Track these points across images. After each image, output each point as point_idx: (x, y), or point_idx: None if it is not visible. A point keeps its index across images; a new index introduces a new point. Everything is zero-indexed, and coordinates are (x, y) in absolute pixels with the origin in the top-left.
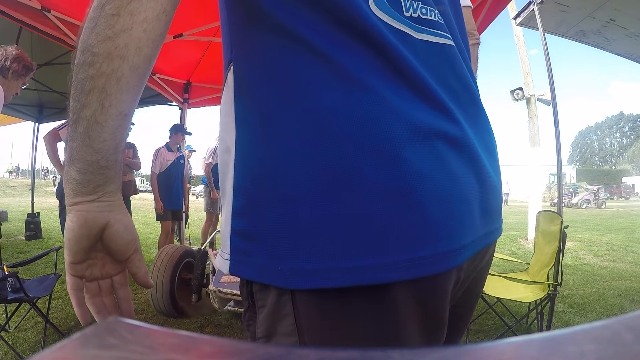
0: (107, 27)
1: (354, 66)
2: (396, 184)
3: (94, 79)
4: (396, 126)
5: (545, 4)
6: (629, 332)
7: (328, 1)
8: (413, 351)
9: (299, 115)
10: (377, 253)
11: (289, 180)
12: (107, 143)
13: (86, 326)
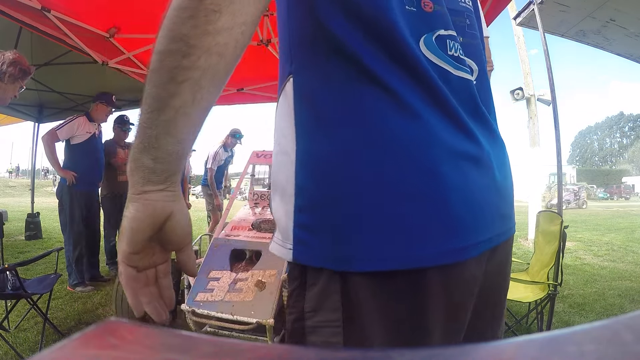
0: (207, 22)
1: (408, 97)
2: (434, 193)
3: (189, 71)
4: (437, 149)
5: (545, 4)
6: (629, 332)
7: (386, 40)
8: (413, 351)
9: (361, 134)
10: (415, 245)
11: (350, 185)
12: (190, 135)
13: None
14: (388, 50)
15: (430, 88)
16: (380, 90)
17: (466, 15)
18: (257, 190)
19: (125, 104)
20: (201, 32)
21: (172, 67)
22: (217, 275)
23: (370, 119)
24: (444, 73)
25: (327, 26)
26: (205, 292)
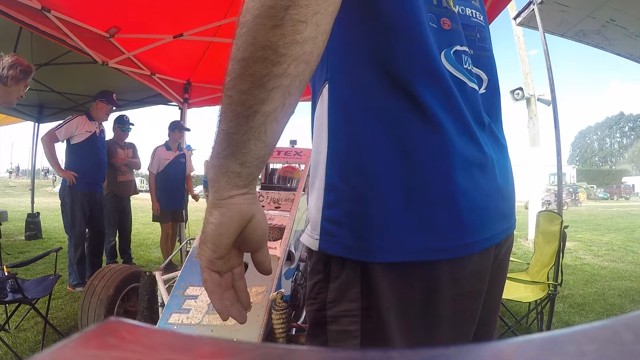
0: (295, 32)
1: (434, 109)
2: (446, 197)
3: (280, 78)
4: (453, 158)
5: (545, 4)
6: (629, 332)
7: (419, 53)
8: (413, 351)
9: (388, 141)
10: (428, 241)
11: (375, 186)
12: (276, 140)
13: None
14: (420, 63)
15: (452, 100)
16: (408, 102)
17: (477, 29)
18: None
19: (125, 104)
20: (290, 41)
21: (262, 75)
22: (195, 292)
23: (396, 127)
24: (461, 84)
25: (364, 38)
26: (180, 313)
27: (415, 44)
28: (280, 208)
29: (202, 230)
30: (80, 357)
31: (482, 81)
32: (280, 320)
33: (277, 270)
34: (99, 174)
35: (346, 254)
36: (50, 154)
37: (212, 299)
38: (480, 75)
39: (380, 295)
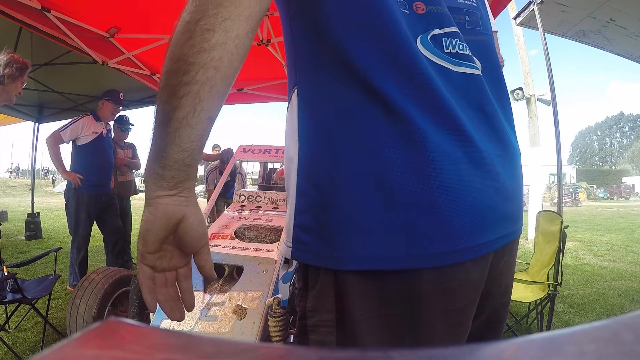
0: (203, 40)
1: (402, 105)
2: (426, 197)
3: (189, 85)
4: (431, 154)
5: (545, 4)
6: (629, 332)
7: (386, 43)
8: (413, 351)
9: (352, 142)
10: (409, 247)
11: (346, 191)
12: (195, 143)
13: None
14: (385, 57)
15: (428, 91)
16: (374, 100)
17: (465, 12)
18: (245, 190)
19: (125, 104)
20: (197, 50)
21: (174, 84)
22: None
23: (362, 128)
24: (444, 71)
25: (325, 38)
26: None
27: (382, 31)
28: (278, 209)
29: (140, 230)
30: (80, 357)
31: (476, 65)
32: (277, 327)
33: (274, 274)
34: (106, 176)
35: (318, 262)
36: (55, 156)
37: (143, 290)
38: (475, 64)
39: (354, 305)
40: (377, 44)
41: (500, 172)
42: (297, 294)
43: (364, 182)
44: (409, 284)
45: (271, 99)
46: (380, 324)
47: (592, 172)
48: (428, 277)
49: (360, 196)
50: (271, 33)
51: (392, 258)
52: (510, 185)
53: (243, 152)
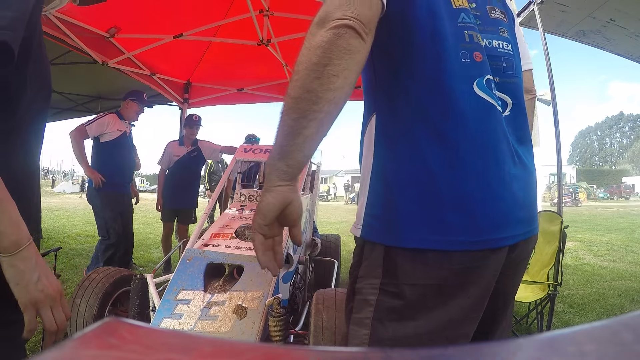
0: (329, 82)
1: (452, 135)
2: (460, 203)
3: (317, 113)
4: (465, 172)
5: (545, 4)
6: (629, 332)
7: (442, 90)
8: (413, 351)
9: (415, 161)
10: (445, 235)
11: (405, 194)
12: (312, 152)
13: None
14: (444, 103)
15: (474, 125)
16: (430, 130)
17: (503, 59)
18: (245, 190)
19: None
20: (325, 88)
21: (305, 109)
22: (188, 296)
23: (420, 151)
24: (492, 108)
25: (401, 84)
26: (172, 319)
27: (440, 89)
28: None
29: (257, 207)
30: (80, 357)
31: (506, 105)
32: (277, 327)
33: None
34: (128, 176)
35: (378, 240)
36: (79, 151)
37: (257, 253)
38: (505, 100)
39: (398, 272)
40: (435, 90)
41: (516, 188)
42: (353, 264)
43: (418, 189)
44: (440, 259)
45: (271, 99)
46: (417, 288)
47: (592, 172)
48: (456, 257)
49: (415, 198)
50: (271, 33)
51: (432, 241)
52: (524, 197)
53: (244, 152)
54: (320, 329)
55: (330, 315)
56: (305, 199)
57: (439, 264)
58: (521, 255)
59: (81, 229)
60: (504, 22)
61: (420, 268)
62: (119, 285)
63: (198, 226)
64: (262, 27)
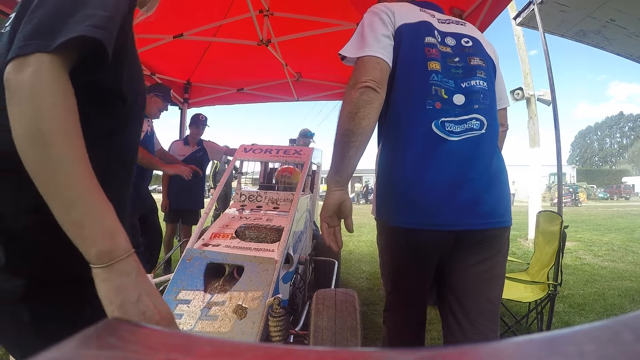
0: (359, 123)
1: (415, 155)
2: (417, 198)
3: (353, 142)
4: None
5: (545, 4)
6: (629, 332)
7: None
8: (413, 351)
9: (397, 171)
10: (410, 217)
11: (391, 190)
12: (354, 167)
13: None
14: (414, 137)
15: (433, 150)
16: (405, 150)
17: (480, 93)
18: (246, 190)
19: None
20: (357, 127)
21: (346, 141)
22: (188, 296)
23: (401, 169)
24: (441, 140)
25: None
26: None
27: (415, 123)
28: (279, 208)
29: (323, 206)
30: (80, 357)
31: (483, 125)
32: (277, 327)
33: (274, 274)
34: (148, 175)
35: (383, 217)
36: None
37: (324, 236)
38: (482, 121)
39: (390, 241)
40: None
41: (466, 190)
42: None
43: (401, 190)
44: (404, 233)
45: (271, 98)
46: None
47: (592, 172)
48: (413, 232)
49: (398, 194)
50: (271, 33)
51: (403, 222)
52: (481, 196)
53: (244, 152)
54: (320, 329)
55: (330, 315)
56: (305, 199)
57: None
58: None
59: None
60: (483, 67)
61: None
62: None
63: (198, 226)
64: (262, 27)
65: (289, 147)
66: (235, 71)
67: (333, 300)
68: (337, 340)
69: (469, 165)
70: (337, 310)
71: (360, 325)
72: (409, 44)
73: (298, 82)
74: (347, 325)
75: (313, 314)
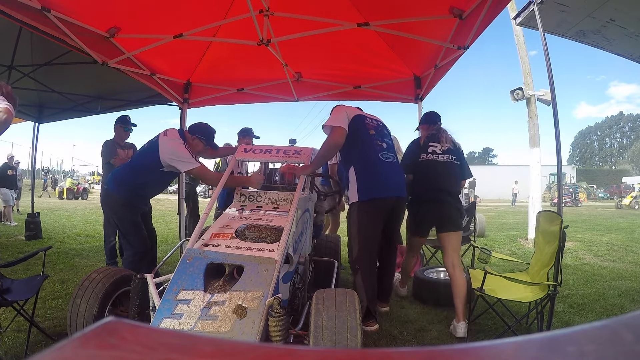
0: (332, 153)
1: (370, 169)
2: (378, 185)
3: (325, 159)
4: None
5: (545, 4)
6: (629, 332)
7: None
8: (413, 351)
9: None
10: (375, 193)
11: (361, 183)
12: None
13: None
14: (367, 159)
15: (376, 164)
16: (365, 169)
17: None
18: (245, 190)
19: (125, 104)
20: (329, 154)
21: (324, 158)
22: (188, 296)
23: (364, 174)
24: (384, 161)
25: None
26: (172, 319)
27: (367, 157)
28: (279, 208)
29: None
30: (80, 357)
31: (390, 157)
32: (277, 327)
33: (274, 274)
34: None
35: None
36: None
37: None
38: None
39: (360, 211)
40: (364, 157)
41: (393, 179)
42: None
43: (365, 183)
44: (374, 202)
45: (271, 98)
46: (365, 216)
47: (592, 172)
48: (379, 201)
49: (365, 185)
50: (271, 33)
51: (372, 196)
52: (397, 183)
53: (244, 152)
54: (320, 329)
55: (330, 315)
56: (305, 199)
57: (373, 205)
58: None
59: (81, 229)
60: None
61: (372, 206)
62: (119, 285)
63: (198, 226)
64: (262, 27)
65: (289, 147)
66: (235, 71)
67: (333, 300)
68: (337, 340)
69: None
70: (337, 310)
71: (360, 325)
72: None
73: (298, 82)
74: (347, 325)
75: (313, 314)
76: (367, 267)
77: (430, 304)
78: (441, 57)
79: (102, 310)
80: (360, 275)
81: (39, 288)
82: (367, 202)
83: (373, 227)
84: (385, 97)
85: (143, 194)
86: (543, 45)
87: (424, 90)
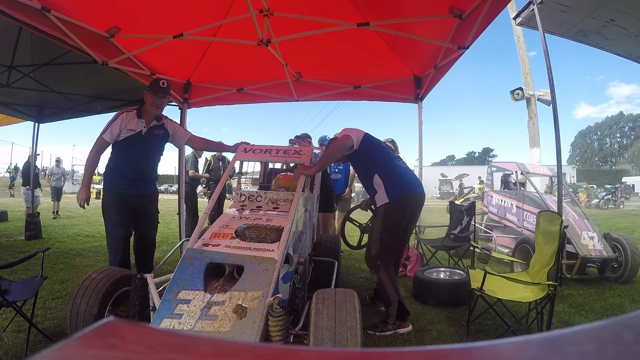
0: (336, 156)
1: (390, 175)
2: (403, 185)
3: (331, 160)
4: (400, 177)
5: (545, 4)
6: (629, 332)
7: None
8: (413, 351)
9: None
10: (405, 190)
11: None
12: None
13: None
14: (388, 166)
15: (395, 167)
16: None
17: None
18: (245, 190)
19: (125, 104)
20: (335, 157)
21: (330, 160)
22: (188, 296)
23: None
24: (399, 165)
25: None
26: (172, 318)
27: (388, 165)
28: (279, 208)
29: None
30: (80, 357)
31: (404, 163)
32: (277, 327)
33: (274, 274)
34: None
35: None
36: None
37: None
38: (403, 163)
39: (386, 210)
40: (386, 165)
41: (414, 178)
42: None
43: (393, 183)
44: (408, 198)
45: (271, 98)
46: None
47: (592, 172)
48: (414, 197)
49: (393, 185)
50: (271, 33)
51: (399, 195)
52: (418, 180)
53: (244, 152)
54: (320, 329)
55: (330, 315)
56: (305, 199)
57: (407, 200)
58: (421, 200)
59: (81, 229)
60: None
61: (399, 205)
62: (119, 285)
63: (198, 226)
64: (262, 27)
65: (289, 147)
66: (235, 71)
67: (333, 300)
68: (337, 340)
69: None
70: (337, 310)
71: (360, 325)
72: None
73: (298, 82)
74: (347, 325)
75: (313, 313)
76: (388, 263)
77: (430, 304)
78: (441, 57)
79: (102, 310)
80: (384, 271)
81: (38, 289)
82: (397, 201)
83: (397, 225)
84: (385, 97)
85: (122, 174)
86: (543, 45)
87: (424, 90)
